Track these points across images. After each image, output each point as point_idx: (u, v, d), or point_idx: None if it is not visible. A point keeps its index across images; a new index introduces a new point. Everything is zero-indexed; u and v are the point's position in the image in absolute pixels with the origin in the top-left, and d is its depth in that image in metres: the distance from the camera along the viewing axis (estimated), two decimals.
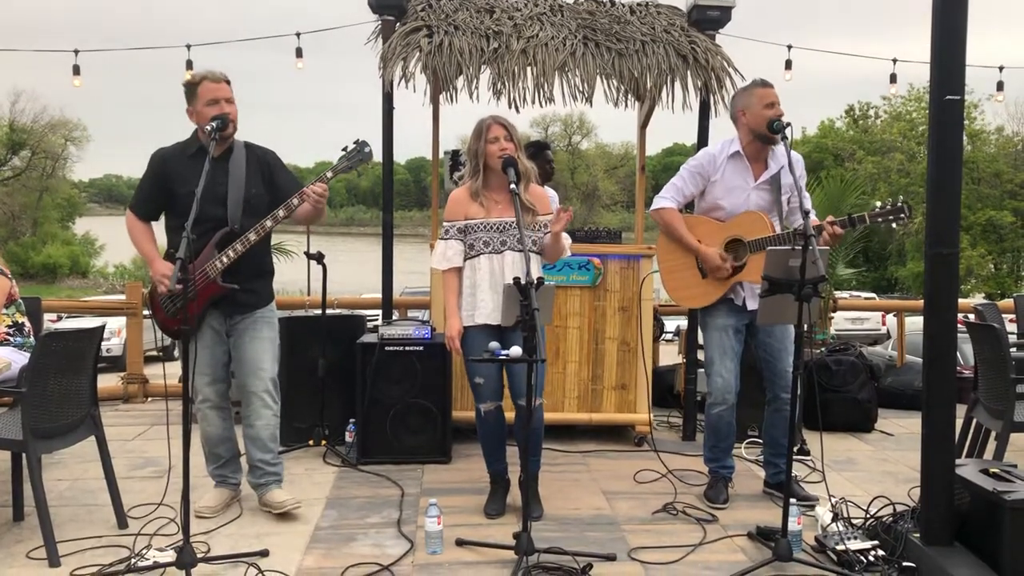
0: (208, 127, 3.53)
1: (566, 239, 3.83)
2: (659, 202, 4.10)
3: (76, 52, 7.61)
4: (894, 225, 3.70)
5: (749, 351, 4.16)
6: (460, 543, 3.45)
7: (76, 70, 7.73)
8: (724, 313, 4.02)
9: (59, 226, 47.63)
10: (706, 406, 4.11)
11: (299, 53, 7.38)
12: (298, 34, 7.23)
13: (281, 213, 3.64)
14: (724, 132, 4.22)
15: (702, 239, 4.01)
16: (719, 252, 3.94)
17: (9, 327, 4.13)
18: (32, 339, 4.13)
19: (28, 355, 3.73)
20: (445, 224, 3.79)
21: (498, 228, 3.73)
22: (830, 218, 3.83)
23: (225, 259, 3.63)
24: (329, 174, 3.66)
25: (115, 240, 46.15)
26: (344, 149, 3.68)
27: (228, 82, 3.72)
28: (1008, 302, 7.25)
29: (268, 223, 3.64)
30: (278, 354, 3.90)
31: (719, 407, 4.03)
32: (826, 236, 3.75)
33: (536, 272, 3.68)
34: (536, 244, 3.78)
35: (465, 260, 3.76)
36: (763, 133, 3.88)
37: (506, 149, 3.67)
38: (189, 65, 7.23)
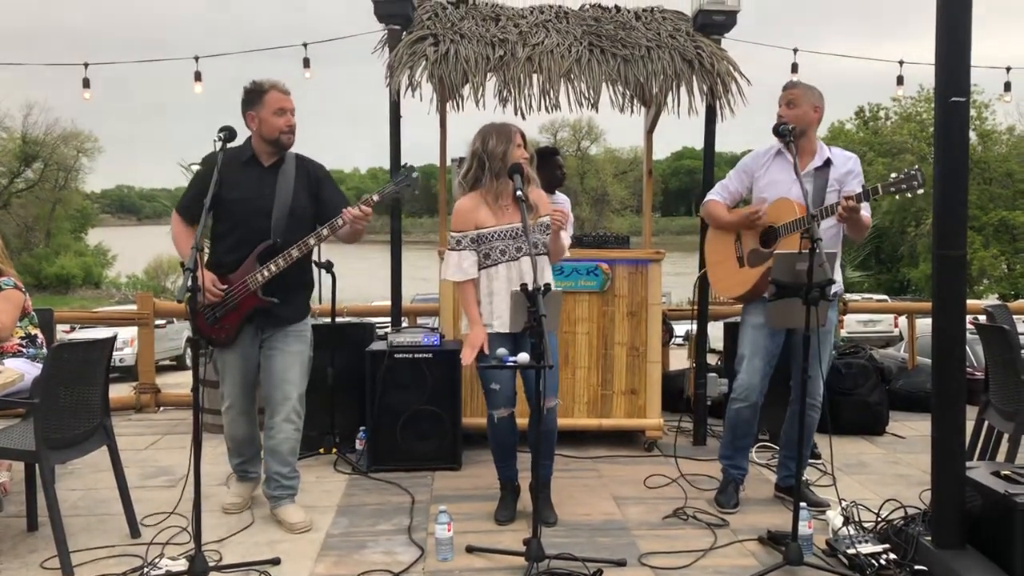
0: (216, 137, 3.54)
1: (565, 238, 3.90)
2: (706, 198, 4.23)
3: (86, 65, 7.68)
4: (909, 195, 3.66)
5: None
6: (470, 550, 3.46)
7: (86, 83, 7.79)
8: (761, 311, 3.95)
9: (72, 237, 47.86)
10: (728, 401, 4.10)
11: (306, 63, 7.43)
12: (305, 44, 7.27)
13: (325, 232, 3.64)
14: (732, 136, 4.24)
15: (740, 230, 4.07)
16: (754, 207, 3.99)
17: (22, 339, 4.17)
18: (45, 350, 4.17)
19: (41, 366, 3.76)
20: (455, 234, 3.76)
21: (512, 235, 3.74)
22: (844, 192, 3.83)
23: (267, 272, 3.63)
24: (375, 197, 3.65)
25: (127, 250, 46.44)
26: (393, 176, 3.72)
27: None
28: (1020, 303, 7.22)
29: (311, 241, 3.65)
30: (308, 369, 3.90)
31: (739, 403, 4.01)
32: (840, 211, 3.74)
33: (548, 278, 3.71)
34: (543, 246, 3.80)
35: (480, 269, 3.77)
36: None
37: (526, 157, 3.74)
38: (197, 76, 7.28)
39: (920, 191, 3.58)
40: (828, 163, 3.94)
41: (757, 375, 3.97)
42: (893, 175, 3.70)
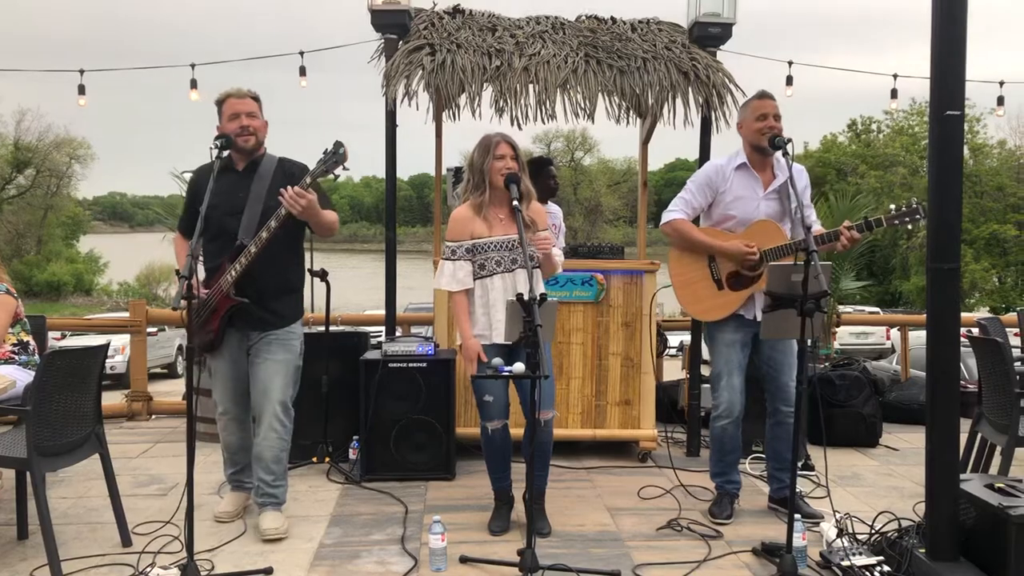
0: (212, 145, 3.60)
1: (557, 255, 3.87)
2: (668, 215, 4.05)
3: (81, 72, 7.67)
4: (910, 226, 3.69)
5: (751, 364, 4.15)
6: (464, 560, 3.45)
7: (81, 90, 7.78)
8: (732, 328, 4.00)
9: (63, 244, 47.72)
10: (711, 419, 4.09)
11: (303, 71, 7.42)
12: (301, 53, 7.27)
13: (273, 223, 3.64)
14: (726, 148, 4.24)
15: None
16: (742, 241, 3.89)
17: (14, 345, 4.15)
18: (37, 357, 4.15)
19: (33, 373, 3.75)
20: (451, 244, 3.76)
21: (507, 247, 3.74)
22: (847, 223, 3.84)
23: (233, 272, 3.66)
24: (308, 180, 3.62)
25: (119, 258, 46.31)
26: (324, 152, 3.67)
27: (255, 98, 3.81)
28: (1012, 316, 7.24)
29: (263, 235, 3.66)
30: (295, 378, 3.87)
31: (723, 420, 4.00)
32: (844, 241, 3.75)
33: (540, 289, 3.69)
34: (536, 260, 3.80)
35: (476, 280, 3.76)
36: (758, 144, 3.93)
37: (512, 168, 3.69)
38: (193, 84, 7.27)
39: (921, 222, 3.59)
40: (788, 179, 3.96)
41: (737, 391, 3.99)
42: (893, 207, 3.75)
